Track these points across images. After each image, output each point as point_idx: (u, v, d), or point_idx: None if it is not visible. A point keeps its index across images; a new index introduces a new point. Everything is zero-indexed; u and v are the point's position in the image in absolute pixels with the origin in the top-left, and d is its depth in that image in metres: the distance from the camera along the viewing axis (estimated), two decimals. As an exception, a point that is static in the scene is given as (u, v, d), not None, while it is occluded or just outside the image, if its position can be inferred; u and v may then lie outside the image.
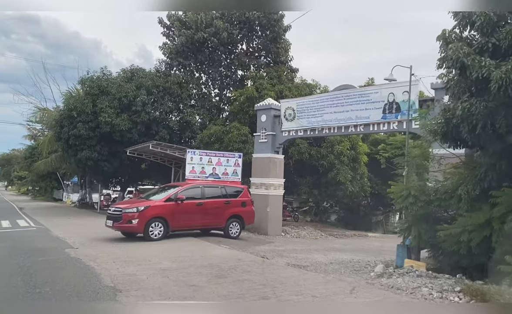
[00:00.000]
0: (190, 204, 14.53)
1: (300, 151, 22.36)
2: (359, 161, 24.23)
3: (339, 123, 17.81)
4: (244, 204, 16.34)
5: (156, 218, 13.64)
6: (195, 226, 15.16)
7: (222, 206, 15.53)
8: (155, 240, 13.33)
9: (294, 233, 21.18)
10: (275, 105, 20.41)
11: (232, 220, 15.75)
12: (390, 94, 16.34)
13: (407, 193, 9.49)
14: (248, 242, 15.14)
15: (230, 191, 16.29)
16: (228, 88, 28.56)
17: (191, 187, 15.43)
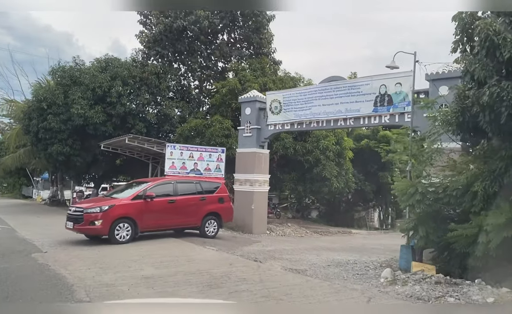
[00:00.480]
0: (161, 201, 13.25)
1: (285, 146, 21.48)
2: (345, 156, 23.55)
3: (327, 116, 16.99)
4: (222, 200, 15.14)
5: (123, 218, 12.22)
6: (167, 226, 13.84)
7: (197, 203, 14.28)
8: (122, 242, 11.95)
9: (279, 231, 20.31)
10: (260, 97, 19.44)
11: (208, 217, 14.51)
12: (382, 86, 15.62)
13: (413, 189, 8.69)
14: (234, 242, 14.17)
15: (205, 187, 15.09)
16: (209, 80, 27.43)
17: (162, 183, 14.12)
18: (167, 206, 13.38)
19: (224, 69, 27.52)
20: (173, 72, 25.11)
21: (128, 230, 12.25)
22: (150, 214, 12.82)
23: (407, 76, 15.12)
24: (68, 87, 23.22)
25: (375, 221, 34.84)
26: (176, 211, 13.52)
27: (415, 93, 15.16)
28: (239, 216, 19.07)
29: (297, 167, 22.82)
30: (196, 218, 14.14)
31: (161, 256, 9.98)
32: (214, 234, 14.64)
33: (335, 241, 18.84)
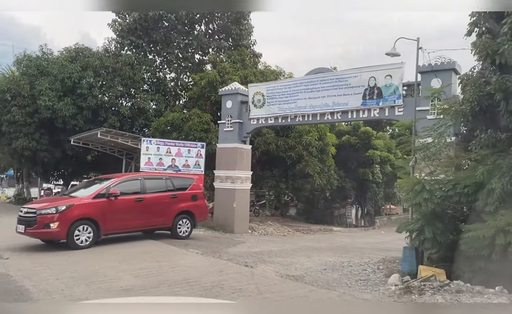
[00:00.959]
0: (127, 200, 11.80)
1: (267, 142, 20.64)
2: (327, 152, 22.89)
3: (314, 110, 16.22)
4: (195, 198, 13.82)
5: (83, 219, 10.70)
6: (134, 227, 12.31)
7: (167, 201, 12.93)
8: (82, 247, 10.48)
9: (261, 230, 19.45)
10: (242, 90, 18.50)
11: (180, 217, 13.21)
12: (371, 79, 14.95)
13: (420, 187, 7.98)
14: (217, 243, 13.21)
15: (177, 183, 13.69)
16: (185, 73, 26.27)
17: (128, 180, 12.66)
18: (134, 205, 11.94)
19: (202, 61, 26.43)
20: (148, 63, 23.83)
21: (89, 233, 10.77)
22: (114, 214, 11.39)
23: (397, 68, 14.54)
24: (35, 78, 21.65)
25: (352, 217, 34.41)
26: (144, 210, 12.14)
27: (407, 85, 14.63)
28: (220, 215, 18.14)
29: (279, 164, 22.02)
30: (166, 218, 12.80)
31: (140, 262, 8.95)
32: (187, 234, 13.37)
33: (319, 240, 18.15)
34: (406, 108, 14.35)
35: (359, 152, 27.88)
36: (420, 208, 7.98)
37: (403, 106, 14.40)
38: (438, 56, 13.84)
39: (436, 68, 13.60)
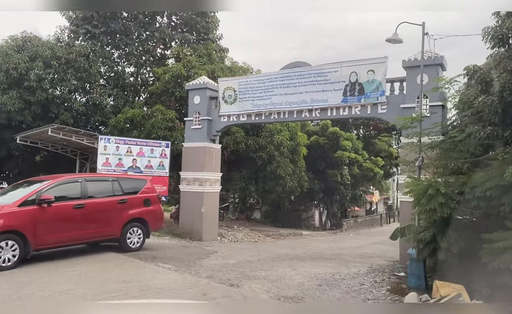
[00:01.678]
0: (64, 207, 9.77)
1: (236, 141, 19.30)
2: (299, 152, 21.87)
3: (290, 107, 15.09)
4: (148, 202, 11.84)
5: (5, 233, 8.69)
6: (73, 240, 10.09)
7: (114, 207, 10.94)
8: (5, 268, 8.43)
9: (230, 236, 18.10)
10: (211, 84, 17.08)
11: (130, 225, 11.27)
12: (353, 74, 14.01)
13: (434, 191, 6.94)
14: (187, 254, 11.73)
15: (127, 186, 11.63)
16: (146, 67, 24.46)
17: (65, 182, 10.33)
18: (73, 213, 9.91)
19: (164, 56, 24.72)
20: (105, 55, 21.85)
21: (14, 249, 8.74)
22: (47, 225, 9.37)
23: (380, 63, 13.67)
24: (-27, 68, 19.20)
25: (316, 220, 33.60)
26: (85, 219, 10.16)
27: (390, 81, 13.78)
28: (186, 221, 16.62)
29: (248, 164, 20.75)
30: (113, 227, 10.85)
31: (103, 283, 7.39)
32: (139, 245, 11.43)
33: (294, 246, 17.02)
34: (390, 106, 13.51)
35: (328, 153, 27.13)
36: (435, 214, 6.94)
37: (387, 104, 13.54)
38: (425, 50, 13.12)
39: (423, 63, 12.83)
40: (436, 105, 12.55)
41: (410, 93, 13.03)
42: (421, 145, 8.46)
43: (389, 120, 13.57)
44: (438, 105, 12.55)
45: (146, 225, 11.74)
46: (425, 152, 8.57)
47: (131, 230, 11.32)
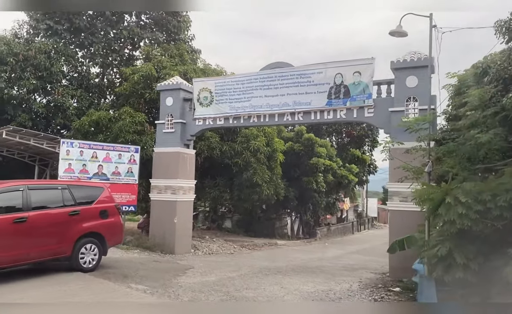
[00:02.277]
0: (1, 221, 8.27)
1: (210, 147, 18.17)
2: (276, 159, 20.95)
3: (271, 110, 14.18)
4: (105, 214, 10.22)
5: None
6: (14, 260, 8.49)
7: (64, 220, 9.33)
8: None
9: (205, 248, 16.90)
10: (185, 85, 15.94)
11: (84, 241, 9.63)
12: (338, 75, 13.26)
13: (453, 199, 6.12)
14: (161, 272, 10.52)
15: (80, 194, 9.94)
16: (112, 68, 22.98)
17: (3, 191, 8.70)
18: (12, 228, 8.36)
19: (132, 56, 23.35)
20: (68, 54, 20.27)
21: None
22: None
23: (367, 64, 12.99)
24: None
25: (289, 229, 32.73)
26: (28, 234, 8.62)
27: (377, 84, 13.10)
28: (157, 232, 15.34)
29: (223, 171, 19.63)
30: (63, 244, 9.24)
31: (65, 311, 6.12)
32: (95, 265, 9.78)
33: (273, 258, 16.03)
34: (378, 109, 12.82)
35: (302, 160, 26.37)
36: (453, 227, 6.11)
37: (374, 107, 12.85)
38: (413, 51, 12.54)
39: (412, 65, 12.23)
40: (427, 109, 11.94)
41: (399, 96, 12.39)
42: (437, 149, 7.61)
43: (376, 124, 12.90)
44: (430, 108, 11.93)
45: (103, 240, 10.08)
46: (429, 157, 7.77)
47: (85, 246, 9.67)
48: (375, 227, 50.19)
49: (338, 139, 33.56)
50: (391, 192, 12.22)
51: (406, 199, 11.89)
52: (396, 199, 12.05)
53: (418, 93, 12.12)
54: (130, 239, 15.53)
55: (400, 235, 11.73)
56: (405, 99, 12.26)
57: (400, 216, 11.96)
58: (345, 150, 31.70)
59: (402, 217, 11.91)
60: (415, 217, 11.73)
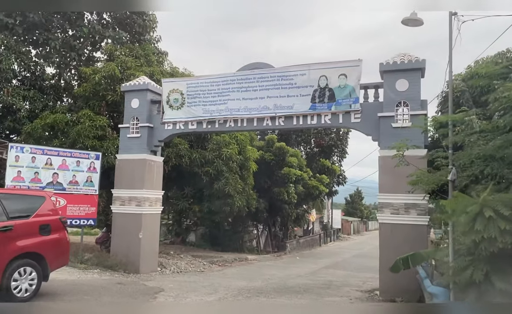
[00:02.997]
0: None
1: (179, 154, 16.75)
2: (248, 168, 19.72)
3: (250, 113, 13.03)
4: (47, 229, 8.35)
5: None
6: None
7: None
8: None
9: (172, 266, 15.37)
10: (153, 86, 14.54)
11: (18, 263, 7.76)
12: (322, 78, 12.31)
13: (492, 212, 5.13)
14: (126, 297, 9.01)
15: (14, 206, 8.08)
16: (70, 68, 21.07)
17: None
18: None
19: (92, 57, 21.56)
20: (20, 51, 18.29)
21: None
22: None
23: (353, 67, 12.12)
24: None
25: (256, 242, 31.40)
26: None
27: (365, 87, 12.23)
28: (119, 249, 13.75)
29: (193, 181, 18.20)
30: None
31: None
32: (32, 293, 7.85)
33: (248, 276, 14.78)
34: (365, 115, 11.94)
35: (273, 169, 25.31)
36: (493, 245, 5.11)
37: (361, 112, 11.96)
38: (403, 53, 11.78)
39: (402, 67, 11.45)
40: (418, 114, 11.17)
41: (388, 100, 11.56)
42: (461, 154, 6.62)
43: (363, 131, 11.97)
44: (421, 114, 11.17)
45: (43, 262, 8.17)
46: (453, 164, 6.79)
47: (20, 270, 7.77)
48: (340, 239, 49.96)
49: (307, 149, 32.81)
50: (381, 204, 11.30)
51: (397, 211, 11.06)
52: (387, 211, 11.16)
53: (409, 98, 11.34)
54: (89, 256, 13.83)
55: (391, 250, 10.83)
56: (395, 104, 11.45)
57: (391, 230, 11.07)
58: (315, 161, 30.95)
59: (393, 231, 11.03)
60: (407, 231, 10.90)
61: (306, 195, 27.75)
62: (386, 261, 10.83)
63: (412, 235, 10.73)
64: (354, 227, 66.57)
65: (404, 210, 11.00)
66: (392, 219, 11.07)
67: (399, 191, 10.97)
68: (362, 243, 42.92)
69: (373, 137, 11.83)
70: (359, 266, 20.69)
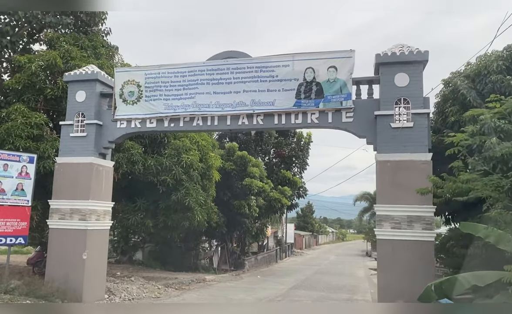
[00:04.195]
0: None
1: (131, 160, 14.34)
2: (211, 177, 17.56)
3: (222, 110, 11.04)
4: None
5: None
6: None
7: None
8: None
9: (123, 292, 12.86)
10: (103, 76, 12.19)
11: None
12: (309, 70, 10.59)
13: None
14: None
15: None
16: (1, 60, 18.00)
17: None
18: None
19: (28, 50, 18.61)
20: None
21: None
22: None
23: (344, 58, 10.52)
24: None
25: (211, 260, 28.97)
26: None
27: (357, 81, 10.65)
28: (58, 273, 11.14)
29: (146, 192, 15.75)
30: None
31: None
32: None
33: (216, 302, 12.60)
34: (358, 113, 10.33)
35: (234, 180, 23.28)
36: None
37: (353, 110, 10.34)
38: (401, 44, 10.33)
39: (402, 59, 9.98)
40: (421, 113, 9.73)
41: (386, 97, 10.04)
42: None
43: (356, 132, 10.35)
44: (424, 113, 9.73)
45: None
46: None
47: None
48: (294, 254, 48.66)
49: (266, 160, 31.08)
50: (380, 217, 9.65)
51: (399, 225, 9.44)
52: (386, 225, 9.52)
53: (409, 94, 9.87)
54: (17, 284, 11.04)
55: (392, 272, 9.24)
56: (393, 101, 9.94)
57: (391, 246, 9.43)
58: (274, 172, 29.27)
59: (394, 248, 9.40)
60: (410, 248, 9.34)
61: (267, 208, 25.91)
62: (387, 286, 9.23)
63: (417, 253, 9.16)
64: (305, 241, 65.68)
65: (407, 224, 9.41)
66: (393, 234, 9.44)
67: (400, 201, 9.43)
68: (317, 258, 41.75)
69: (368, 139, 10.24)
70: (328, 285, 19.12)
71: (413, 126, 9.68)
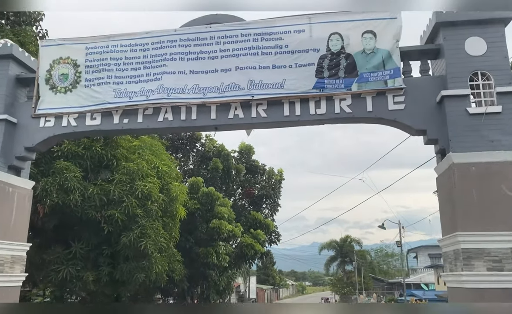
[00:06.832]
0: None
1: (65, 188, 10.09)
2: (175, 213, 13.31)
3: (204, 96, 7.33)
4: None
5: None
6: None
7: None
8: None
9: None
10: (21, 54, 8.12)
11: None
12: (334, 37, 7.20)
13: None
14: None
15: None
16: None
17: None
18: None
19: None
20: None
21: None
22: None
23: (388, 19, 7.20)
24: None
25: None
26: None
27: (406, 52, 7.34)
28: None
29: (87, 233, 11.30)
30: None
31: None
32: None
33: None
34: (411, 97, 6.94)
35: (198, 223, 19.08)
36: None
37: (404, 93, 6.94)
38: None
39: (476, 17, 6.83)
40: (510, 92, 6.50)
41: (456, 70, 6.73)
42: None
43: (411, 124, 6.86)
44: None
45: None
46: None
47: None
48: (258, 310, 43.95)
49: (233, 201, 27.06)
50: (466, 251, 6.04)
51: (499, 263, 5.90)
52: (479, 265, 5.91)
53: (489, 66, 6.65)
54: None
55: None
56: (467, 76, 6.66)
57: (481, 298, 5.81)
58: (243, 214, 25.26)
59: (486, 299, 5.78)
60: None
61: (237, 256, 21.72)
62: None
63: None
64: (267, 296, 60.77)
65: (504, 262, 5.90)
66: (488, 280, 5.85)
67: (497, 226, 5.96)
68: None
69: (430, 134, 6.79)
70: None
71: (501, 112, 6.40)
